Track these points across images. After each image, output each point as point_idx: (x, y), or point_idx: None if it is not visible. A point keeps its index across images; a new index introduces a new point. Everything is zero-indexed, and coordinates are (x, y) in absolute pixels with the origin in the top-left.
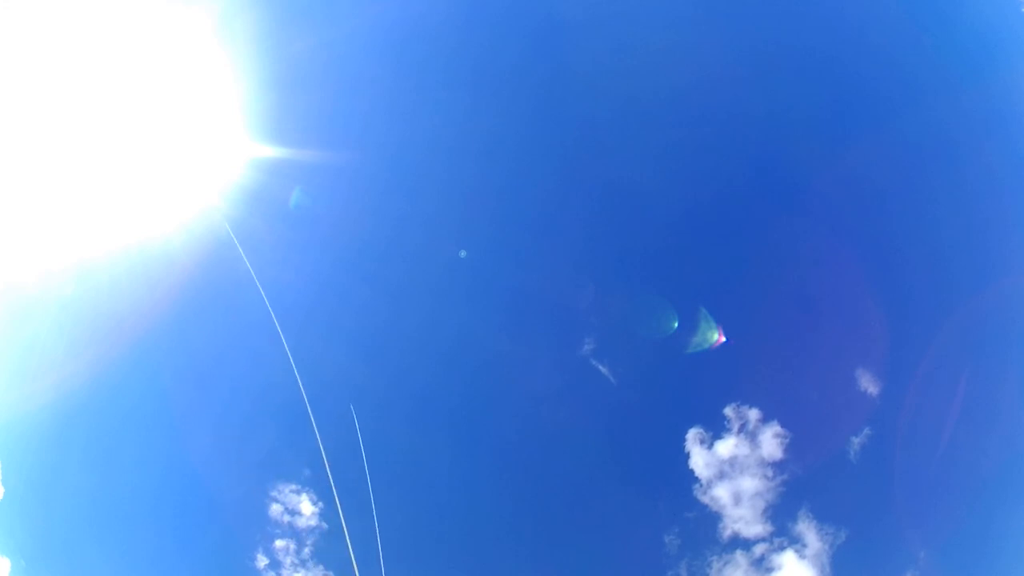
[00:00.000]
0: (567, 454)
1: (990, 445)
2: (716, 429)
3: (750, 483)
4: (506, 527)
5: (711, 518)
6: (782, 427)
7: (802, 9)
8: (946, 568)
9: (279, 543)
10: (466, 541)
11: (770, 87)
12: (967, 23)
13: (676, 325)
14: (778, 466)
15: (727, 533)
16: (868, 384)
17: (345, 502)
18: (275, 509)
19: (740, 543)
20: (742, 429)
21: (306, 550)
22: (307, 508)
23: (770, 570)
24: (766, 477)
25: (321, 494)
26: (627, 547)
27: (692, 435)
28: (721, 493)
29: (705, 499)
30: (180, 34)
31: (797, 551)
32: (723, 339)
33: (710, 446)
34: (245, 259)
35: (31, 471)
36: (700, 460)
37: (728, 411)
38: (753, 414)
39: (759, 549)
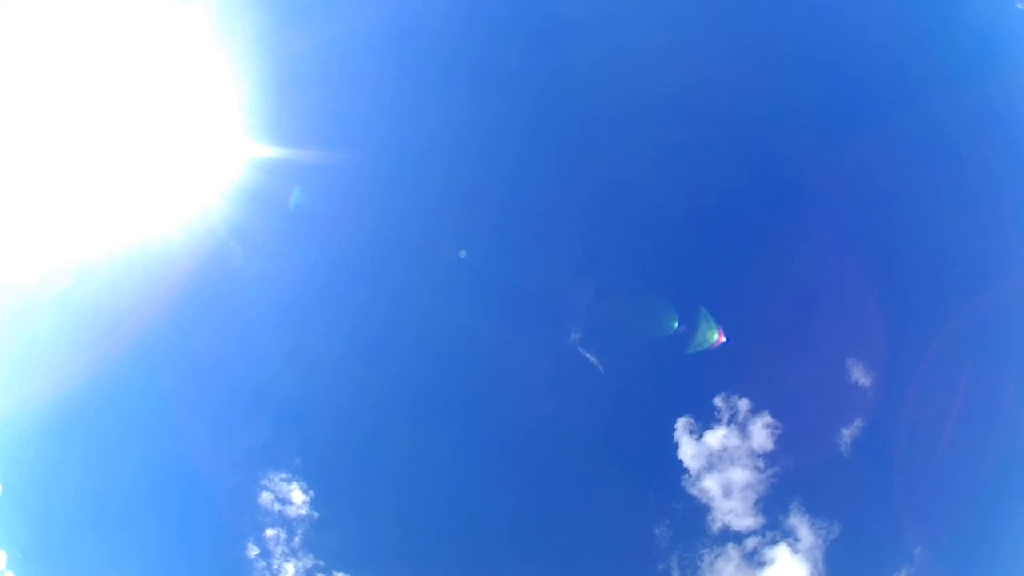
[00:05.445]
0: (554, 444)
1: (986, 441)
2: (706, 419)
3: (741, 475)
4: (496, 519)
5: (701, 510)
6: (773, 418)
7: (801, 9)
8: (943, 566)
9: (269, 532)
10: (456, 531)
11: (768, 86)
12: (964, 19)
13: (676, 324)
14: (769, 458)
15: (718, 526)
16: (861, 376)
17: (341, 492)
18: (265, 498)
19: (732, 536)
20: (732, 419)
21: (296, 539)
22: (297, 497)
23: (763, 564)
24: (757, 469)
25: (311, 483)
26: (617, 539)
27: (681, 424)
28: (711, 485)
29: (695, 491)
30: (180, 34)
31: (790, 545)
32: (723, 339)
33: (699, 436)
34: None
35: (28, 468)
36: (689, 451)
37: (718, 400)
38: (743, 404)
39: (751, 542)
